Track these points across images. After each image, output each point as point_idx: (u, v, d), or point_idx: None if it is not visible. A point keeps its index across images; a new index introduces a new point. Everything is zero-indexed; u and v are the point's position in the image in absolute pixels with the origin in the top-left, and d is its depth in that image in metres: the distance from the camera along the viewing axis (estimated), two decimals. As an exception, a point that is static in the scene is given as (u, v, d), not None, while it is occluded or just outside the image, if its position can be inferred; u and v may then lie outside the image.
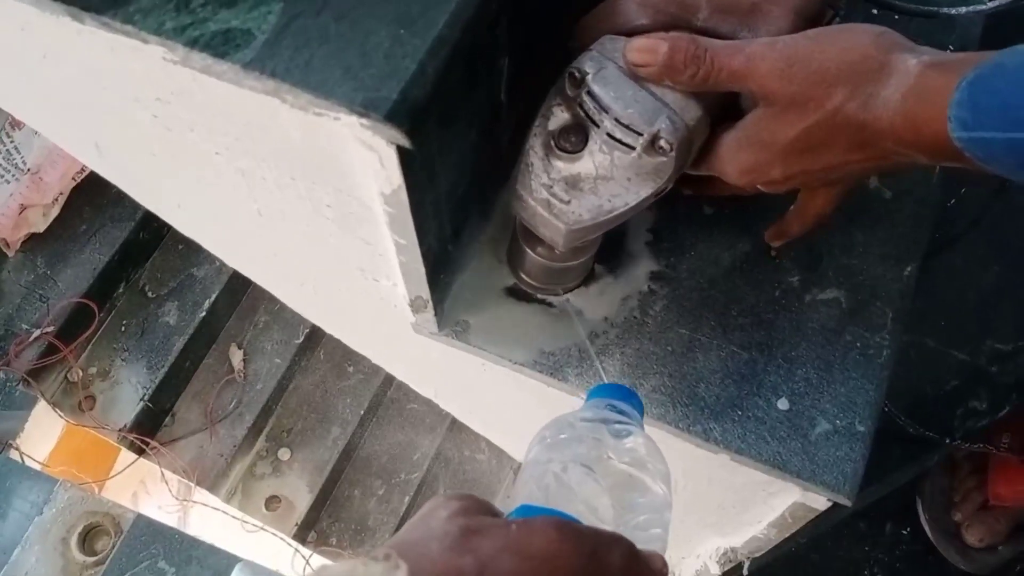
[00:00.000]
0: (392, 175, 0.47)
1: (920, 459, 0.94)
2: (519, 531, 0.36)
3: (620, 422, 0.48)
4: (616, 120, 0.51)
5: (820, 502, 0.64)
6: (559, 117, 0.54)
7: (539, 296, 0.68)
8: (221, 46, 0.43)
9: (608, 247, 0.69)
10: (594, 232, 0.55)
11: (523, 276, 0.67)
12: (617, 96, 0.51)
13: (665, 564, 0.41)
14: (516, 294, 0.68)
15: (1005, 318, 0.93)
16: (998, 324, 0.93)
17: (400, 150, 0.44)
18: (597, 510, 0.42)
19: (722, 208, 0.71)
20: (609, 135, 0.52)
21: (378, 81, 0.42)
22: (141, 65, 0.48)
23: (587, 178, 0.54)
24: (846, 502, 0.61)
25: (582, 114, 0.53)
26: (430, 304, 0.62)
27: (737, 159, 0.53)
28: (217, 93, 0.47)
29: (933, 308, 0.91)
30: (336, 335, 0.87)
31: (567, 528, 0.37)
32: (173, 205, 0.73)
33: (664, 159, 0.52)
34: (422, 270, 0.57)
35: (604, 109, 0.52)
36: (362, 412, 1.76)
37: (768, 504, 0.70)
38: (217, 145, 0.55)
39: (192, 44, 0.43)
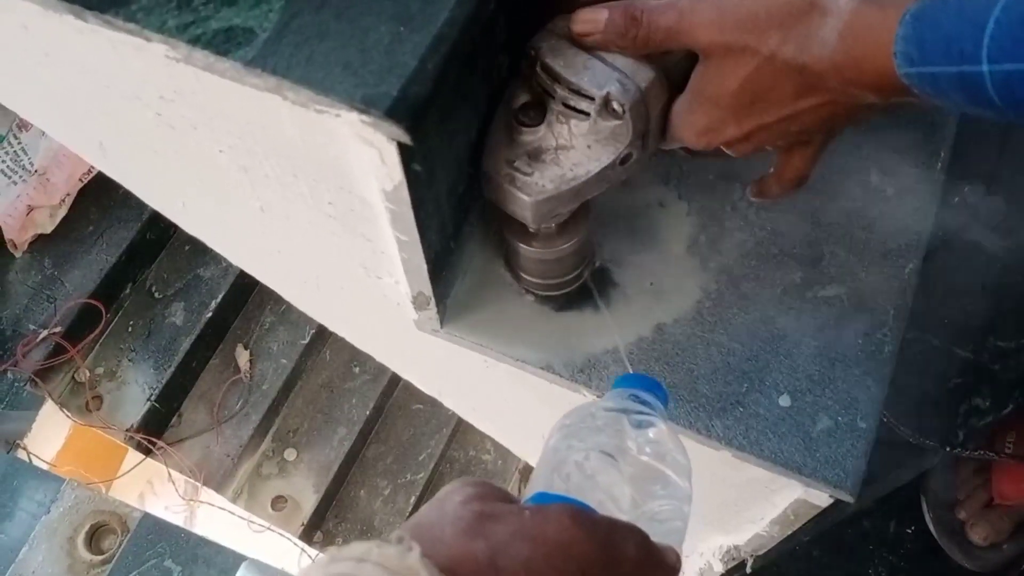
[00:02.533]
0: (393, 172, 0.47)
1: (924, 457, 0.94)
2: (533, 518, 0.36)
3: (641, 412, 0.48)
4: (569, 88, 0.53)
5: (822, 499, 0.64)
6: (520, 98, 0.56)
7: (540, 292, 0.68)
8: (223, 44, 0.44)
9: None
10: (561, 204, 0.56)
11: (522, 275, 0.67)
12: (567, 65, 0.53)
13: (679, 558, 0.41)
14: (517, 290, 0.68)
15: (1008, 315, 0.93)
16: (1001, 321, 0.93)
17: (401, 146, 0.45)
18: (617, 499, 0.42)
19: (723, 205, 0.71)
20: (564, 104, 0.54)
21: (378, 78, 0.42)
22: (143, 64, 0.49)
23: (548, 149, 0.55)
24: (848, 498, 0.61)
25: (539, 89, 0.55)
26: (432, 301, 0.63)
27: (690, 121, 0.53)
28: (219, 91, 0.48)
29: (936, 305, 0.91)
30: (340, 333, 0.88)
31: (582, 516, 0.37)
32: (177, 204, 0.74)
33: (619, 122, 0.53)
34: (424, 267, 0.57)
35: (557, 79, 0.53)
36: (368, 412, 1.76)
37: (770, 501, 0.70)
38: (219, 143, 0.55)
39: (194, 42, 0.44)
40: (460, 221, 0.62)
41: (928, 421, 0.89)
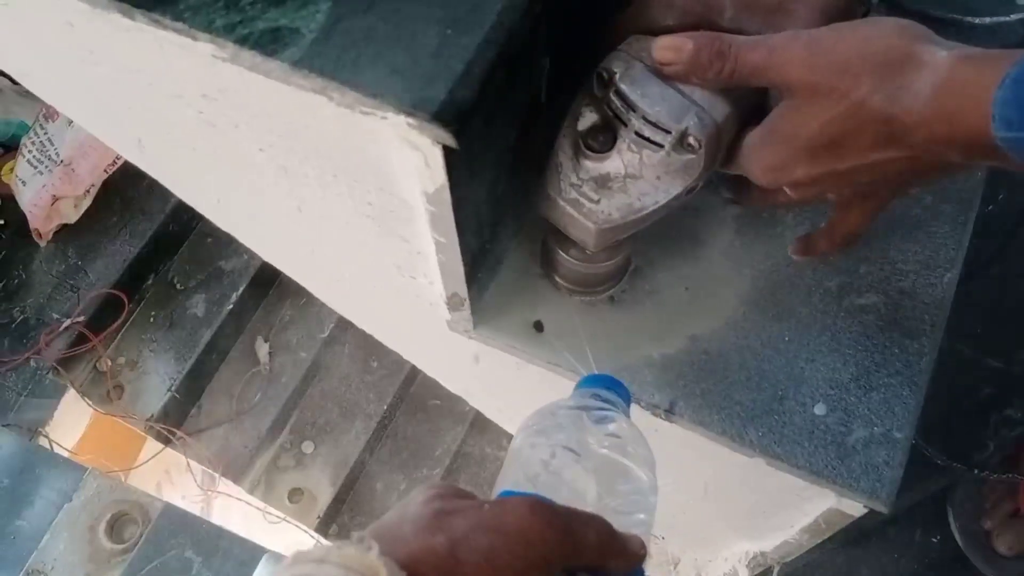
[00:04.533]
0: (436, 174, 0.47)
1: (951, 467, 0.93)
2: (491, 510, 0.37)
3: (601, 409, 0.48)
4: (644, 118, 0.51)
5: (856, 508, 0.64)
6: (587, 118, 0.54)
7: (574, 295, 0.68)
8: (270, 44, 0.44)
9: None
10: (624, 232, 0.55)
11: (557, 280, 0.67)
12: (645, 94, 0.51)
13: (643, 546, 0.41)
14: (552, 292, 0.68)
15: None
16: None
17: (445, 149, 0.44)
18: (582, 494, 0.43)
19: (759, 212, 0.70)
20: (638, 134, 0.52)
21: (426, 81, 0.42)
22: (188, 62, 0.49)
23: (616, 177, 0.54)
24: (883, 509, 0.61)
25: (610, 114, 0.53)
26: (467, 302, 0.62)
27: (760, 155, 0.52)
28: (263, 90, 0.47)
29: (968, 316, 0.90)
30: (369, 331, 0.88)
31: (540, 506, 0.38)
32: (213, 200, 0.74)
33: (693, 156, 0.52)
34: (461, 268, 0.57)
35: (632, 108, 0.51)
36: (385, 407, 1.77)
37: (801, 509, 0.70)
38: (261, 142, 0.55)
39: (241, 42, 0.44)
40: (496, 223, 0.62)
41: (958, 432, 0.89)
